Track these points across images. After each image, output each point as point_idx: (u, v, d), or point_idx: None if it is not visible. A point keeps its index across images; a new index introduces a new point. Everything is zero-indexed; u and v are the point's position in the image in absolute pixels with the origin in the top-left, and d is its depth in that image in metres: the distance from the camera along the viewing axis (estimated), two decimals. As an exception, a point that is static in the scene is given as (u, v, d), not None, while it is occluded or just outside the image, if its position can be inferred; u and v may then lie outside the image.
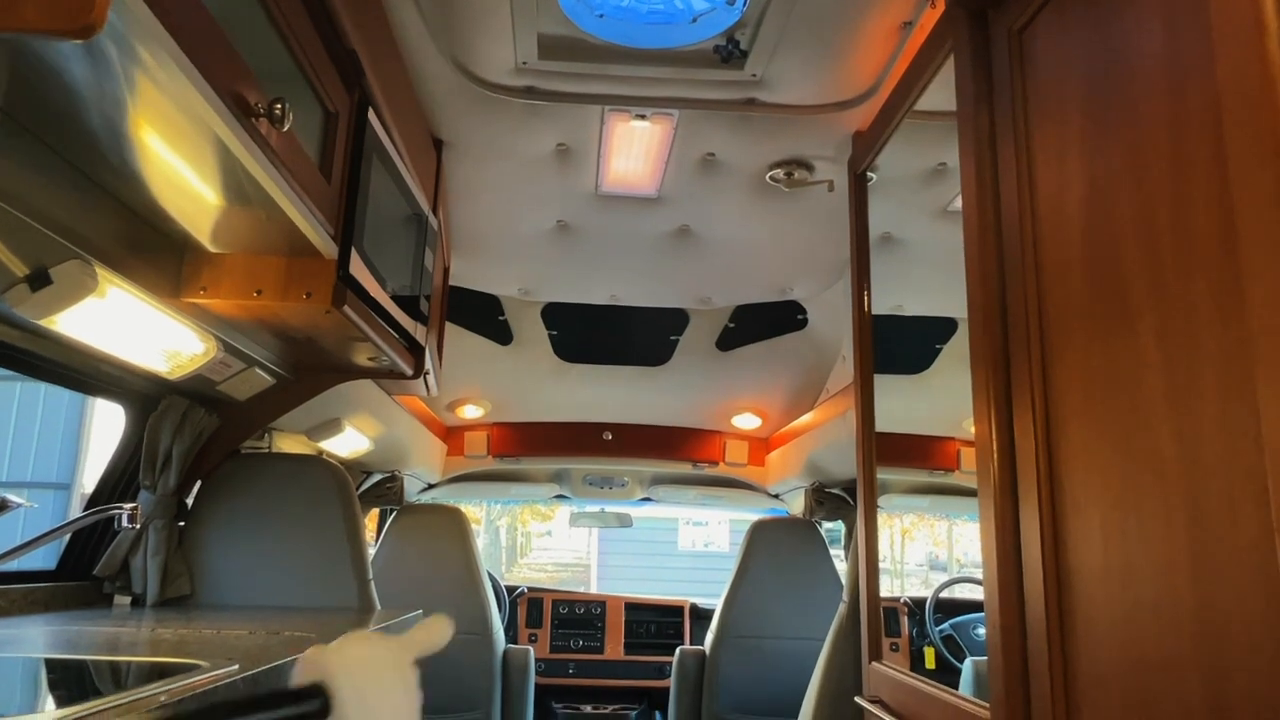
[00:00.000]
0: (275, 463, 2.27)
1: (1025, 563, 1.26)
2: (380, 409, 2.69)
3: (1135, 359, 1.05)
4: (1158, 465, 1.00)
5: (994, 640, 1.29)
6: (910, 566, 9.22)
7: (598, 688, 4.30)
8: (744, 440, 3.88)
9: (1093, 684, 1.10)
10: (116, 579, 1.99)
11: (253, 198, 1.33)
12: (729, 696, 3.27)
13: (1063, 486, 1.20)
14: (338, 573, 2.10)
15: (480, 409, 3.70)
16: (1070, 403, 1.20)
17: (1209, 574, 0.91)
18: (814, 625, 3.20)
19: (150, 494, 1.98)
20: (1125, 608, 1.04)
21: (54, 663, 1.18)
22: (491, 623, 3.32)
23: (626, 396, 3.67)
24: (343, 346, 1.92)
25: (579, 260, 2.87)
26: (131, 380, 1.91)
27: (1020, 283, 1.32)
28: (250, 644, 1.33)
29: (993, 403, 1.36)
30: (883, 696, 1.79)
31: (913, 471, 3.28)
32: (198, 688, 0.93)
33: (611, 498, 4.38)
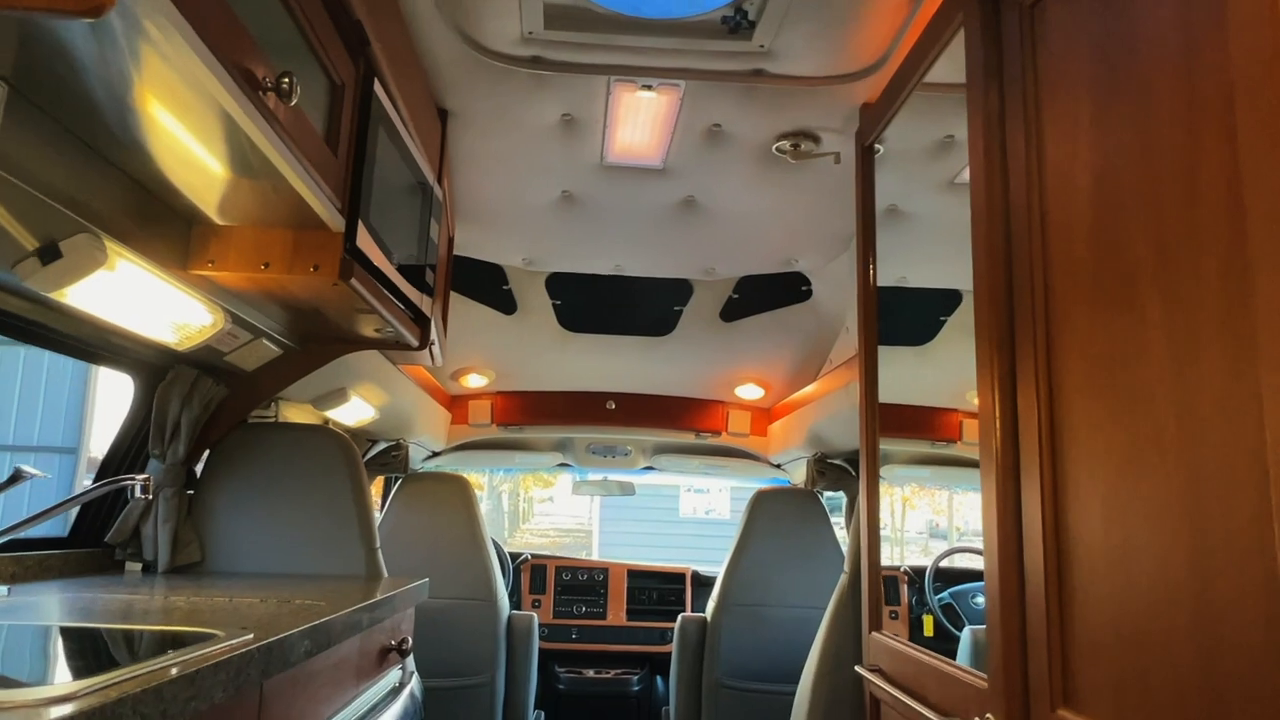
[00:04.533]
0: (282, 432, 2.28)
1: (1026, 536, 1.27)
2: (385, 378, 2.70)
3: (1139, 337, 1.05)
4: (1159, 443, 1.01)
5: (993, 612, 1.31)
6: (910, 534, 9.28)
7: (600, 653, 4.36)
8: (746, 410, 3.89)
9: (1090, 656, 1.13)
10: (128, 546, 2.01)
11: (259, 171, 1.33)
12: (730, 663, 3.32)
13: (1064, 461, 1.21)
14: (345, 540, 2.13)
15: (484, 378, 3.72)
16: (1073, 378, 1.20)
17: (1207, 551, 0.92)
18: (814, 594, 3.24)
19: (160, 463, 2.00)
20: (1123, 582, 1.06)
21: (69, 630, 1.20)
22: (496, 589, 3.36)
23: (630, 366, 3.68)
24: (349, 318, 1.92)
25: (583, 230, 2.86)
26: (140, 351, 1.92)
27: (1026, 256, 1.32)
28: (263, 612, 1.36)
29: (996, 376, 1.37)
30: (882, 665, 1.82)
31: (915, 442, 3.30)
32: (215, 658, 0.95)
33: (614, 466, 4.41)
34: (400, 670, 1.99)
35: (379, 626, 1.75)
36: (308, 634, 1.23)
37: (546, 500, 16.11)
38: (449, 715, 3.14)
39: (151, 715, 0.80)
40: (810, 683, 2.04)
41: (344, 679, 1.56)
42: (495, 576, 3.40)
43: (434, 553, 3.26)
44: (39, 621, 1.25)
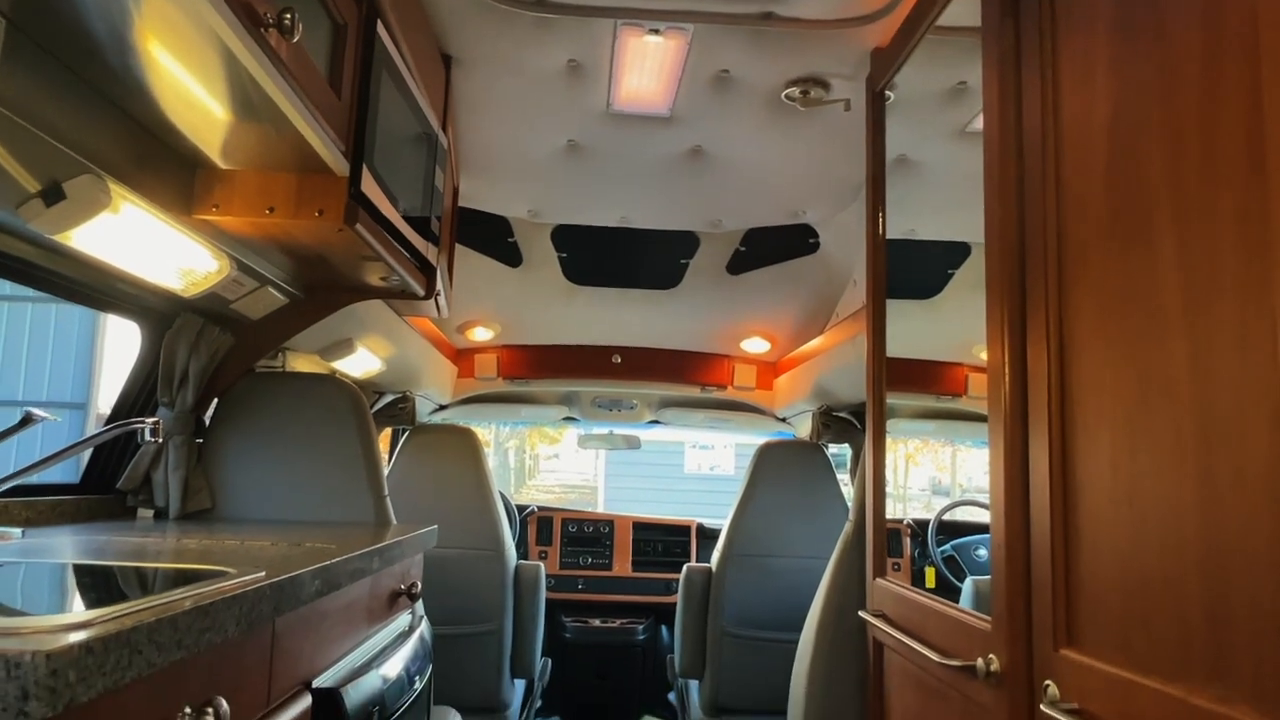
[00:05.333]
0: (290, 381, 2.29)
1: (1032, 483, 1.28)
2: (391, 330, 2.70)
3: (1153, 281, 1.04)
4: (1170, 387, 1.00)
5: (998, 555, 1.32)
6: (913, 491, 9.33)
7: (606, 603, 4.42)
8: (752, 364, 3.89)
9: (1094, 599, 1.13)
10: (139, 493, 2.03)
11: (262, 112, 1.32)
12: (734, 612, 3.36)
13: (1073, 409, 1.21)
14: (354, 488, 2.14)
15: (490, 331, 3.71)
16: (1085, 326, 1.20)
17: (1216, 494, 0.92)
18: (819, 545, 3.26)
19: (169, 411, 2.02)
20: (1131, 526, 1.06)
21: (83, 568, 1.22)
22: (503, 540, 3.40)
23: (636, 320, 3.67)
24: (355, 266, 1.92)
25: (589, 181, 2.83)
26: (146, 298, 1.92)
27: (1040, 204, 1.30)
28: (274, 554, 1.37)
29: (1006, 326, 1.36)
30: (885, 611, 1.84)
31: (920, 397, 3.30)
32: (227, 592, 0.96)
33: (620, 420, 4.42)
34: (410, 614, 2.02)
35: (388, 571, 1.77)
36: (318, 574, 1.25)
37: (553, 457, 16.20)
38: (457, 661, 3.20)
39: (167, 644, 0.81)
40: (814, 629, 2.06)
41: (355, 620, 1.58)
42: (502, 527, 3.43)
43: (442, 504, 3.29)
44: (53, 560, 1.27)
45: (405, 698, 1.69)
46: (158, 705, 0.85)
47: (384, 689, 1.56)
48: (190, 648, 0.86)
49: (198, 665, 0.93)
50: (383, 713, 1.53)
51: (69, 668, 0.66)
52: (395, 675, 1.66)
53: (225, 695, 0.95)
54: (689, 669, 3.45)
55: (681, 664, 3.49)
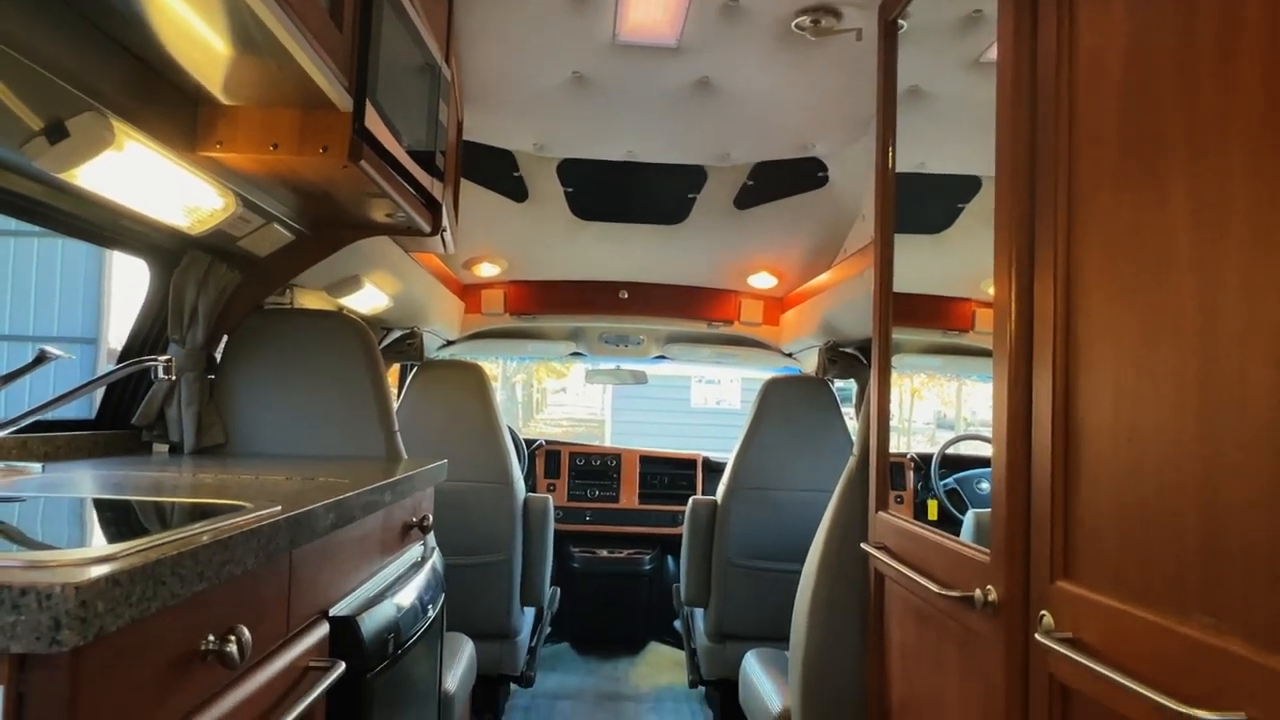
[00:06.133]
0: (298, 318, 2.30)
1: (1035, 419, 1.29)
2: (398, 266, 2.70)
3: (1163, 217, 1.03)
4: (1175, 325, 1.01)
5: (999, 489, 1.34)
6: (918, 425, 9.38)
7: (613, 534, 4.51)
8: (759, 299, 3.88)
9: (1091, 533, 1.16)
10: (154, 428, 2.07)
11: (263, 46, 1.30)
12: (739, 543, 3.42)
13: (1078, 346, 1.22)
14: (364, 424, 2.17)
15: (496, 267, 3.71)
16: (1092, 262, 1.19)
17: (1216, 431, 0.93)
18: (823, 478, 3.31)
19: (180, 348, 2.03)
20: (1131, 461, 1.08)
21: (103, 503, 1.25)
22: (512, 472, 3.45)
23: (643, 255, 3.65)
24: (360, 202, 1.91)
25: (595, 114, 2.79)
26: (153, 235, 1.92)
27: (1052, 137, 1.28)
28: (288, 489, 1.40)
29: (1014, 261, 1.36)
30: (887, 543, 1.88)
31: (926, 332, 3.30)
32: (245, 526, 0.99)
33: (627, 355, 4.44)
34: (422, 546, 2.06)
35: (400, 504, 1.81)
36: (332, 508, 1.28)
37: (560, 391, 16.29)
38: (469, 590, 3.28)
39: (189, 577, 0.84)
40: (816, 560, 2.11)
41: (368, 552, 1.62)
42: (511, 461, 3.48)
43: (451, 438, 3.33)
44: (74, 495, 1.30)
45: (419, 625, 1.75)
46: (182, 634, 0.89)
47: (398, 617, 1.61)
48: (211, 579, 0.89)
49: (219, 596, 0.97)
50: (398, 639, 1.58)
51: (97, 599, 0.68)
52: (409, 604, 1.71)
53: (246, 624, 0.98)
54: (694, 598, 3.54)
55: (687, 593, 3.57)
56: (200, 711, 0.94)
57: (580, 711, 3.72)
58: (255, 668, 1.08)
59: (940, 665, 1.61)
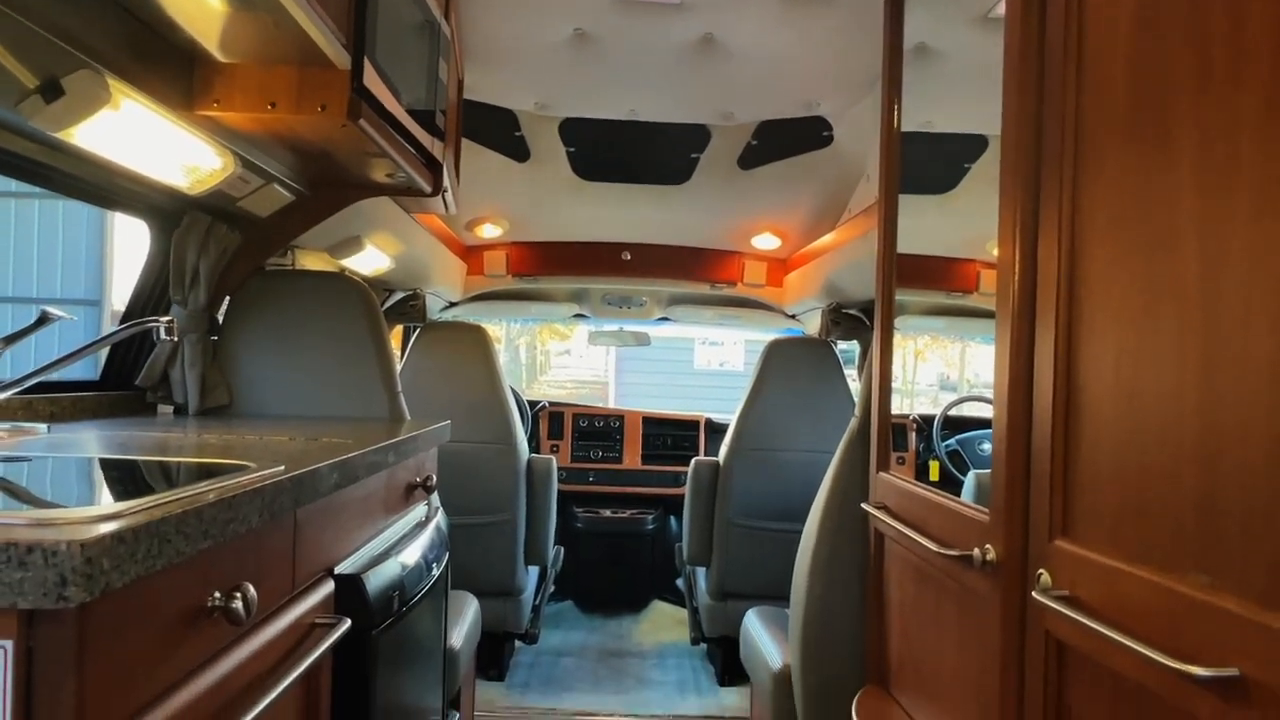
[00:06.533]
0: (300, 279, 2.30)
1: (1036, 379, 1.29)
2: (400, 227, 2.69)
3: (1170, 178, 1.02)
4: (1178, 286, 1.00)
5: (999, 449, 1.34)
6: (921, 386, 9.40)
7: (616, 495, 4.55)
8: (762, 261, 3.86)
9: (1090, 493, 1.16)
10: (158, 389, 2.08)
11: (259, 1, 1.28)
12: (740, 503, 3.45)
13: (1080, 307, 1.21)
14: (367, 385, 2.18)
15: (499, 228, 3.69)
16: (1097, 222, 1.18)
17: (1217, 393, 0.93)
18: (825, 440, 3.32)
19: (182, 309, 2.04)
20: (1131, 422, 1.08)
21: (109, 462, 1.26)
22: (515, 433, 3.47)
23: (645, 216, 3.63)
24: (360, 162, 1.89)
25: (597, 72, 2.75)
26: (153, 196, 1.91)
27: (1059, 95, 1.27)
28: (292, 449, 1.41)
29: (1018, 221, 1.34)
30: (888, 503, 1.89)
31: (930, 293, 3.28)
32: (249, 485, 0.99)
33: (630, 317, 4.44)
34: (426, 506, 2.08)
35: (404, 464, 1.82)
36: (336, 467, 1.28)
37: (564, 354, 16.30)
38: (474, 550, 3.32)
39: (194, 535, 0.85)
40: (817, 520, 2.12)
41: (373, 511, 1.64)
42: (514, 422, 3.50)
43: (454, 399, 3.35)
44: (80, 454, 1.31)
45: (424, 583, 1.77)
46: (189, 590, 0.90)
47: (403, 575, 1.63)
48: (216, 537, 0.90)
49: (225, 554, 0.98)
50: (402, 596, 1.60)
51: (103, 556, 0.69)
52: (414, 562, 1.73)
53: (252, 581, 0.99)
54: (696, 557, 3.57)
55: (689, 552, 3.61)
56: (208, 666, 0.95)
57: (584, 668, 3.78)
58: (262, 624, 1.10)
59: (938, 623, 1.63)
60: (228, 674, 0.98)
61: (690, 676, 3.71)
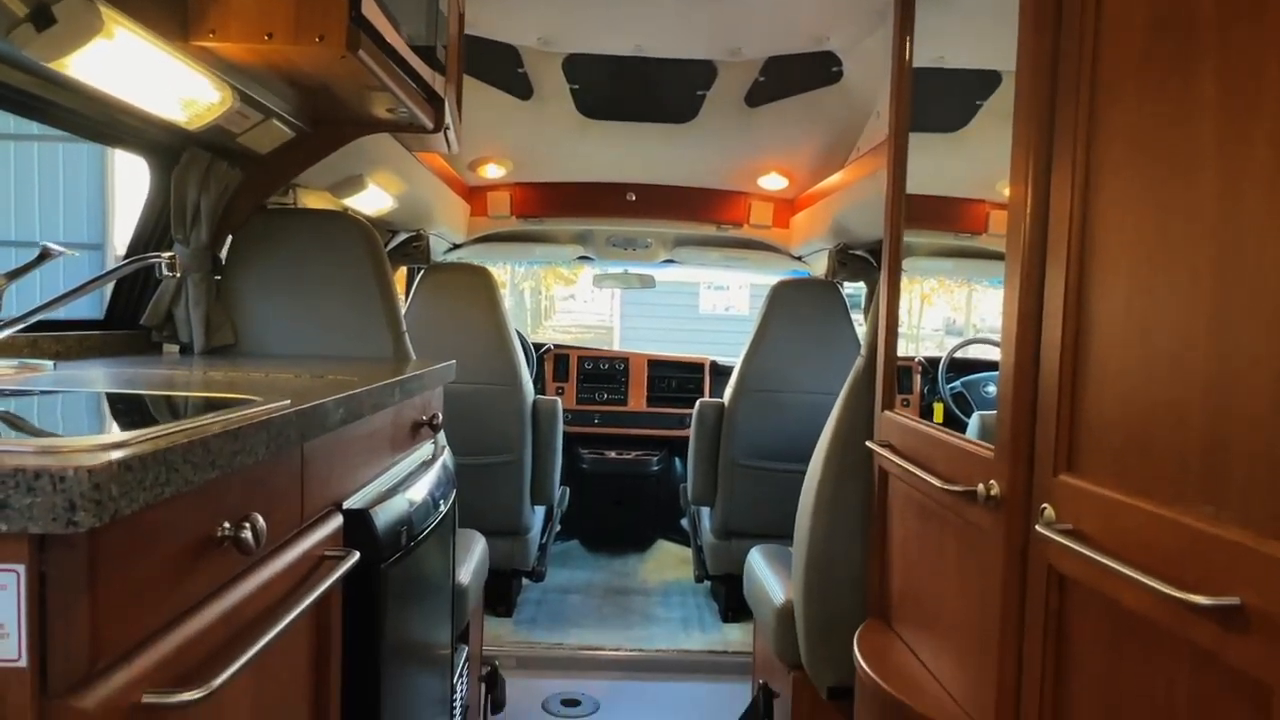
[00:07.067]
0: (302, 218, 2.28)
1: (1045, 315, 1.28)
2: (402, 166, 2.66)
3: (1190, 106, 1.00)
4: (1195, 218, 0.98)
5: (1006, 386, 1.34)
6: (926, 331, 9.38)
7: (621, 436, 4.58)
8: (769, 202, 3.82)
9: (1096, 428, 1.16)
10: (163, 329, 2.08)
11: (253, -75, 1.24)
12: (745, 444, 3.47)
13: (1093, 243, 1.19)
14: (372, 325, 2.17)
15: (502, 168, 3.64)
16: (1113, 155, 1.16)
17: (1229, 326, 0.92)
18: (830, 381, 3.32)
19: (184, 248, 2.02)
20: (1140, 356, 1.07)
21: (116, 396, 1.27)
22: (520, 375, 3.48)
23: (650, 155, 3.58)
24: (360, 97, 1.86)
25: (601, 5, 2.68)
26: (152, 132, 1.88)
27: (1077, 23, 1.23)
28: (298, 385, 1.41)
29: (1032, 155, 1.32)
30: (892, 441, 1.90)
31: (939, 234, 3.25)
32: (255, 418, 1.00)
33: (634, 259, 4.41)
34: (432, 444, 2.10)
35: (410, 403, 1.83)
36: (341, 402, 1.29)
37: (569, 299, 16.27)
38: (480, 489, 3.35)
39: (201, 464, 0.85)
40: (821, 458, 2.13)
41: (379, 448, 1.65)
42: (519, 363, 3.50)
43: (459, 341, 3.35)
44: (87, 390, 1.31)
45: (431, 519, 1.79)
46: (198, 520, 0.91)
47: (410, 511, 1.65)
48: (223, 468, 0.90)
49: (232, 485, 0.99)
50: (410, 532, 1.62)
51: (110, 482, 0.70)
52: (421, 499, 1.75)
53: (261, 513, 1.00)
54: (700, 497, 3.61)
55: (693, 492, 3.65)
56: (220, 594, 0.97)
57: (589, 604, 3.85)
58: (271, 555, 1.11)
59: (940, 558, 1.65)
60: (239, 602, 1.00)
61: (694, 613, 3.78)
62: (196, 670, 0.88)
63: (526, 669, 3.21)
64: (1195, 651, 0.94)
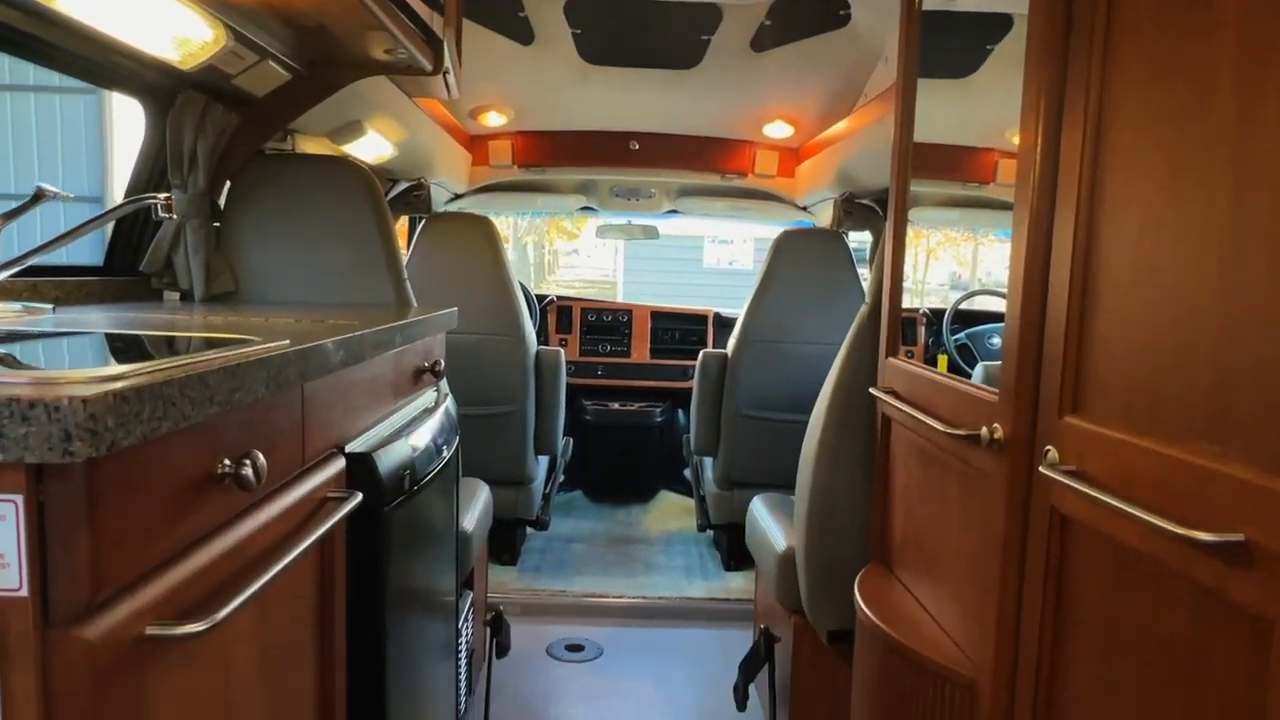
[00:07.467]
0: (301, 163, 2.25)
1: (1054, 255, 1.26)
2: (402, 112, 2.62)
3: (1209, 41, 0.97)
4: (1210, 149, 0.96)
5: (1012, 329, 1.33)
6: (932, 286, 9.31)
7: (625, 388, 4.58)
8: (774, 150, 3.77)
9: (1103, 369, 1.15)
10: (163, 276, 2.06)
11: None
12: (748, 394, 3.47)
13: (1104, 181, 1.17)
14: (373, 271, 2.16)
15: (503, 116, 3.59)
16: (1128, 88, 1.13)
17: (1243, 261, 0.91)
18: (834, 331, 3.31)
19: (182, 193, 2.00)
20: (1150, 294, 1.06)
21: (115, 336, 1.26)
22: (523, 325, 3.47)
23: (654, 103, 3.52)
24: (357, 37, 1.82)
25: None
26: (147, 73, 1.85)
27: (1093, -47, 1.19)
28: (298, 328, 1.40)
29: (1044, 94, 1.29)
30: (896, 387, 1.89)
31: (946, 184, 3.21)
32: (254, 355, 0.99)
33: (638, 209, 4.37)
34: (435, 391, 2.09)
35: (411, 348, 1.82)
36: (341, 344, 1.28)
37: (571, 253, 16.19)
38: (484, 439, 3.36)
39: (199, 400, 0.85)
40: (825, 405, 2.13)
41: (381, 393, 1.64)
42: (522, 313, 3.49)
43: (461, 291, 3.33)
44: (87, 331, 1.30)
45: (434, 464, 1.79)
46: (198, 456, 0.90)
47: (413, 456, 1.65)
48: (222, 404, 0.89)
49: (232, 423, 0.98)
50: (413, 476, 1.62)
51: (106, 413, 0.69)
52: (424, 445, 1.75)
53: (262, 452, 1.00)
54: (703, 447, 3.62)
55: (696, 442, 3.66)
56: (223, 531, 0.97)
57: (593, 553, 3.89)
58: (274, 495, 1.11)
59: (942, 503, 1.65)
60: (242, 540, 1.00)
61: (696, 562, 3.81)
62: (200, 605, 0.88)
63: (531, 615, 3.26)
64: (1196, 588, 0.94)
